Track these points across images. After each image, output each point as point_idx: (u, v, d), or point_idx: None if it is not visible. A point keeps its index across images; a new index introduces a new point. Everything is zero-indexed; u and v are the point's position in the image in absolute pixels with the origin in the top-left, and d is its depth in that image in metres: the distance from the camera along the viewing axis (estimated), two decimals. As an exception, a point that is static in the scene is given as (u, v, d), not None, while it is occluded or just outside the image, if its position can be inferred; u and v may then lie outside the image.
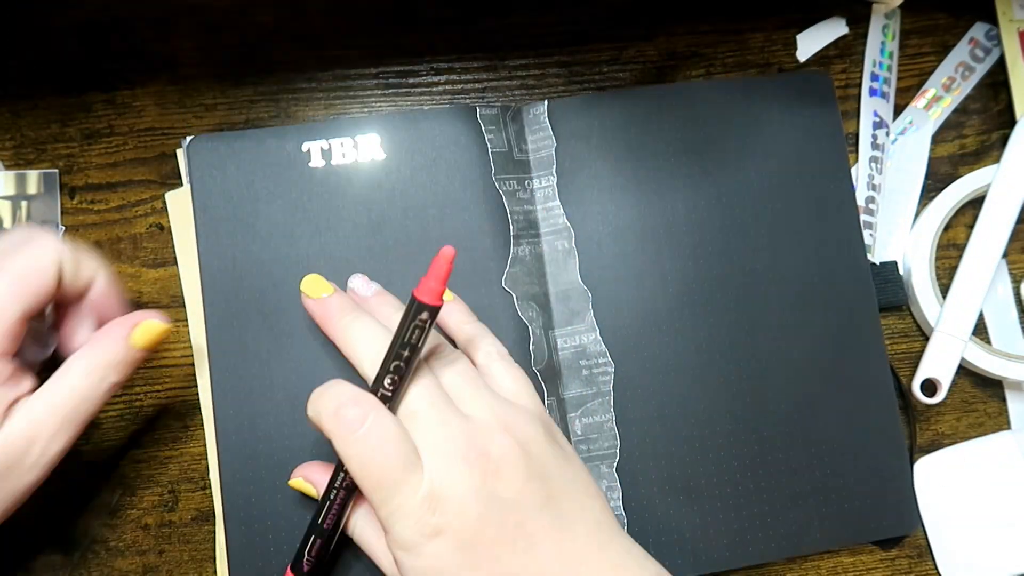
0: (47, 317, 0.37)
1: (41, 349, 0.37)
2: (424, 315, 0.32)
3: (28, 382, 0.34)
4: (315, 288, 0.37)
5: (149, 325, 0.35)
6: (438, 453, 0.31)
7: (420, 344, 0.32)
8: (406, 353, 0.32)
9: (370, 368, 0.33)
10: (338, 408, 0.32)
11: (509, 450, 0.32)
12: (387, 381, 0.32)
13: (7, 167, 0.43)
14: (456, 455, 0.31)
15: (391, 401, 0.32)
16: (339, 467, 0.34)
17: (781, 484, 0.41)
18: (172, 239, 0.42)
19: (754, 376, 0.41)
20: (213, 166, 0.40)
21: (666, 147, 0.42)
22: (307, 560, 0.35)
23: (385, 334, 0.34)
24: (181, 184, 0.42)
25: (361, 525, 0.35)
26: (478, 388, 0.34)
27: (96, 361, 0.34)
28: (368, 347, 0.34)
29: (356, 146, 0.41)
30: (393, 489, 0.31)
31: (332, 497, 0.34)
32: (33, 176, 0.42)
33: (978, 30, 0.46)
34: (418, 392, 0.32)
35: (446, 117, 0.41)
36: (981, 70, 0.46)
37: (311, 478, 0.37)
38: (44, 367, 0.36)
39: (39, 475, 0.33)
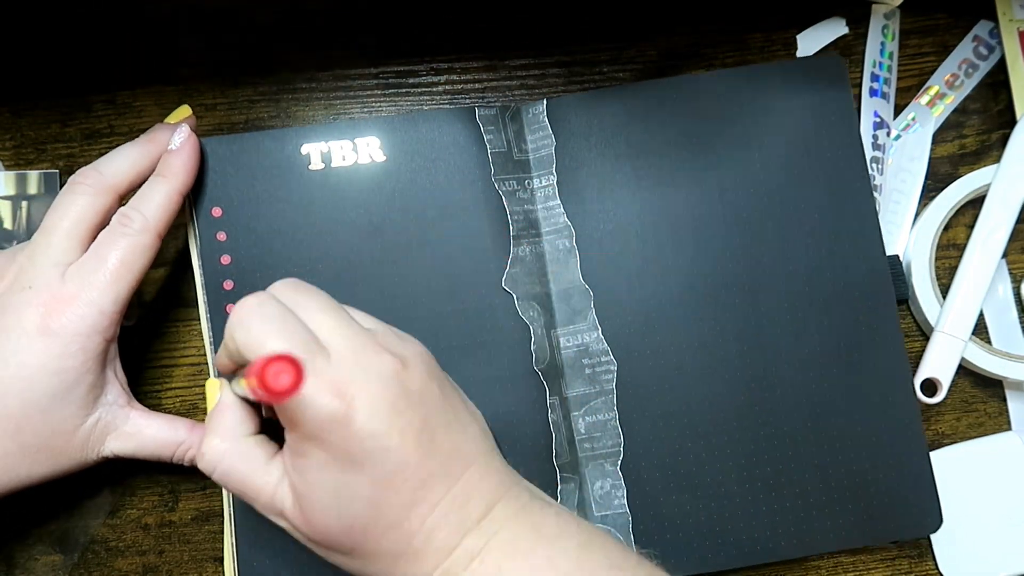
0: None
1: (126, 320, 0.40)
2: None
3: (119, 372, 0.38)
4: None
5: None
6: (345, 344, 0.31)
7: None
8: None
9: None
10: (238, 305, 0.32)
11: (412, 349, 0.32)
12: None
13: (7, 167, 0.43)
14: (364, 348, 0.31)
15: None
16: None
17: (792, 482, 0.40)
18: (171, 240, 0.42)
19: (762, 372, 0.41)
20: (212, 169, 0.40)
21: (667, 141, 0.42)
22: None
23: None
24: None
25: (230, 458, 0.33)
26: (363, 314, 0.34)
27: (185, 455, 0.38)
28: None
29: (355, 148, 0.41)
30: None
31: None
32: (33, 176, 0.42)
33: (982, 28, 0.46)
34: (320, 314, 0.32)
35: (445, 118, 0.41)
36: (985, 67, 0.46)
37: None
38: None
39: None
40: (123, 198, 0.38)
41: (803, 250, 0.42)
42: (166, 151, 0.38)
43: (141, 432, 0.37)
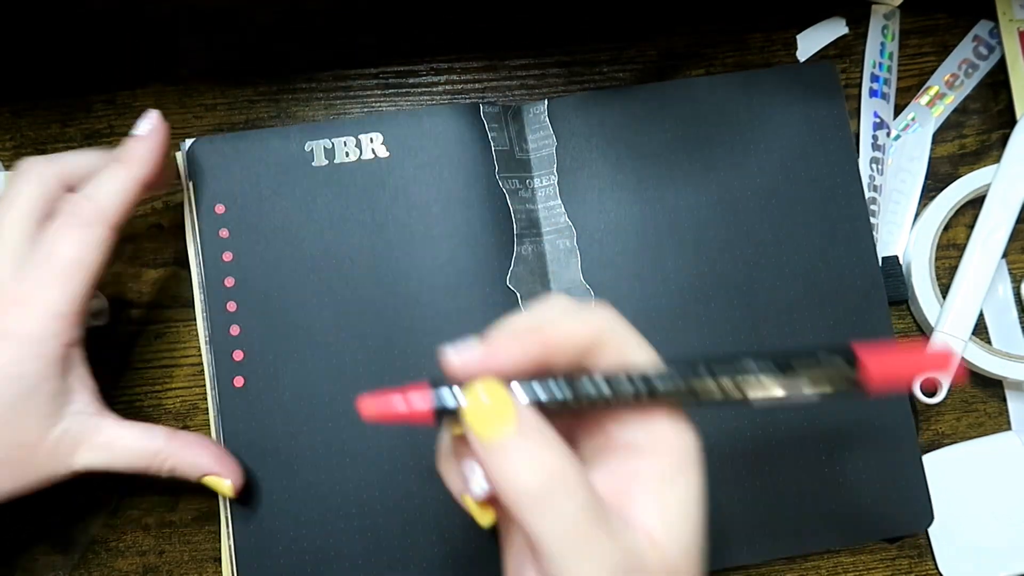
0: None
1: (94, 319, 0.39)
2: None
3: (88, 378, 0.35)
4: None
5: (216, 482, 0.37)
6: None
7: None
8: None
9: None
10: None
11: None
12: None
13: (7, 167, 0.43)
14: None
15: None
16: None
17: (789, 481, 0.41)
18: (171, 240, 0.42)
19: None
20: (216, 167, 0.40)
21: (667, 143, 0.42)
22: None
23: None
24: (181, 185, 0.42)
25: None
26: None
27: (173, 464, 0.36)
28: None
29: (359, 145, 0.41)
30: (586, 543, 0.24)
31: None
32: (33, 176, 0.42)
33: (982, 28, 0.46)
34: None
35: (449, 115, 0.41)
36: (985, 67, 0.46)
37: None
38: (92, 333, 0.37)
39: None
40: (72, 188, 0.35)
41: (798, 252, 0.42)
42: (129, 136, 0.35)
43: (113, 443, 0.34)
